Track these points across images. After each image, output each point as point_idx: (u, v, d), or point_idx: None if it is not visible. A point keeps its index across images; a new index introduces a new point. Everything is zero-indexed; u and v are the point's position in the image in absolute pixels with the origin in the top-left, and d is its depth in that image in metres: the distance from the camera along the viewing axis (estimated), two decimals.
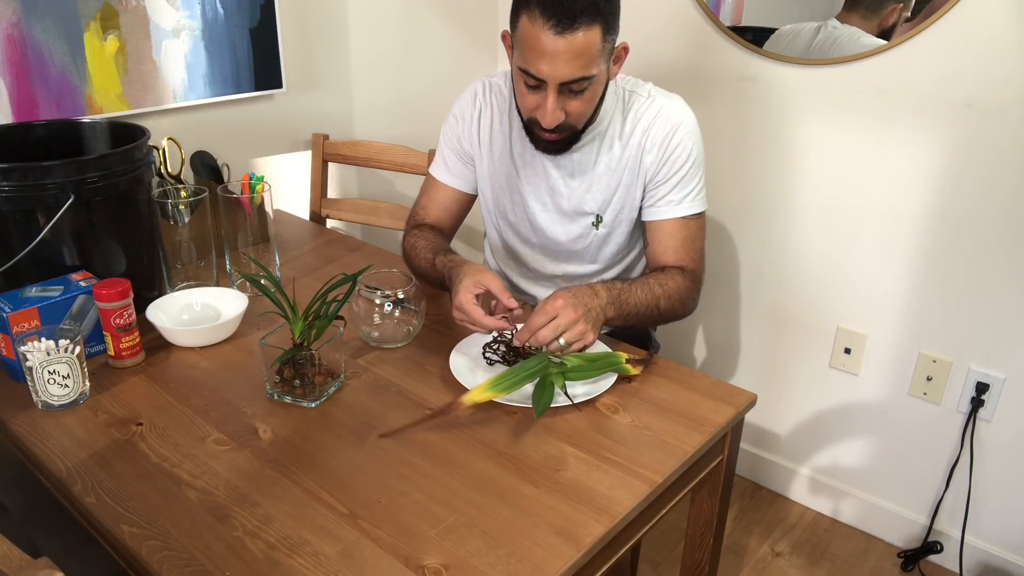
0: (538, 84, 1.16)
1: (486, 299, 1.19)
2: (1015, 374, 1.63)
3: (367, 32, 1.96)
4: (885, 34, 1.59)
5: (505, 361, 1.15)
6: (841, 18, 1.64)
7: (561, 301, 1.12)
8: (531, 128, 1.25)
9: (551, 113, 1.17)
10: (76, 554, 0.99)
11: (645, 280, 1.26)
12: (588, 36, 1.10)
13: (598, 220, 1.36)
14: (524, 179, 1.38)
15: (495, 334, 1.20)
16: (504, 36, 1.23)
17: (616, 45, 1.19)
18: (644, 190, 1.34)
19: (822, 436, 1.96)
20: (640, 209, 1.37)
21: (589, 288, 1.18)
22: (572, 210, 1.36)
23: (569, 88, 1.15)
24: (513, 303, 1.15)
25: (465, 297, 1.15)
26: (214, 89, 1.67)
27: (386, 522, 0.85)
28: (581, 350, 1.14)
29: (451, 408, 1.01)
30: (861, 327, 1.82)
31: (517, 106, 1.27)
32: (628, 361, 1.12)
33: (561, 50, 1.10)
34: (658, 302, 1.25)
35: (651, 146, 1.30)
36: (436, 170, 1.47)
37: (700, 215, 1.35)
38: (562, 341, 1.11)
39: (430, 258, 1.32)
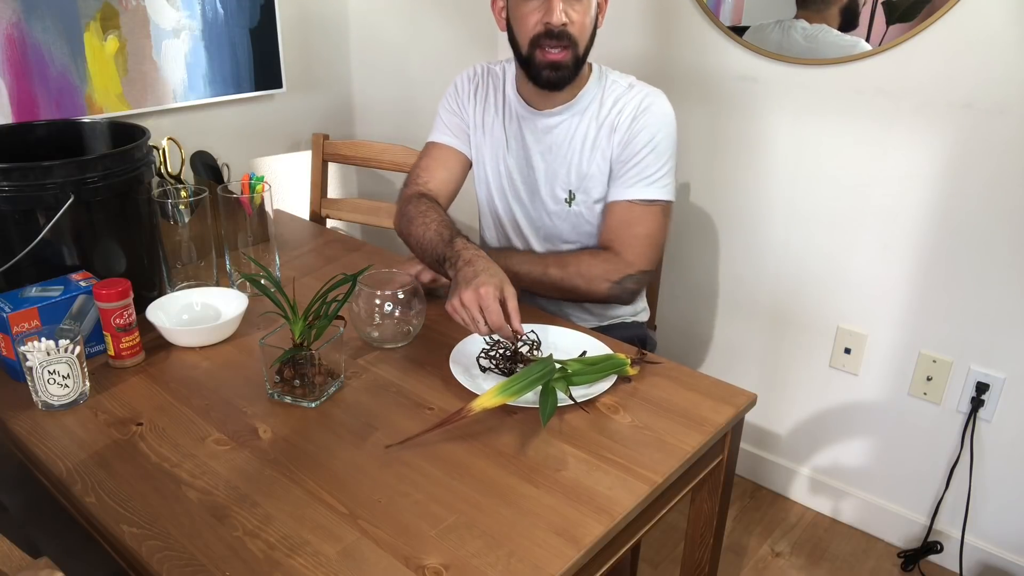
0: None
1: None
2: (1015, 374, 1.63)
3: (367, 32, 1.96)
4: (849, 16, 1.61)
5: (500, 369, 1.14)
6: (804, 17, 1.68)
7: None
8: (533, 60, 1.29)
9: (557, 12, 1.23)
10: (76, 554, 0.99)
11: (544, 252, 1.39)
12: None
13: (571, 197, 1.39)
14: (511, 153, 1.43)
15: (488, 341, 1.18)
16: (492, 3, 1.34)
17: None
18: (610, 172, 1.37)
19: (822, 436, 1.96)
20: None
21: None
22: (547, 185, 1.41)
23: None
24: (521, 329, 1.11)
25: (487, 292, 1.08)
26: (214, 89, 1.67)
27: (386, 522, 0.85)
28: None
29: (460, 415, 1.00)
30: (861, 327, 1.82)
31: (517, 47, 1.32)
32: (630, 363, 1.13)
33: None
34: (547, 269, 1.31)
35: (617, 127, 1.34)
36: (436, 135, 1.49)
37: (652, 203, 1.32)
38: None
39: (446, 236, 1.25)
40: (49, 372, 1.01)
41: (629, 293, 1.36)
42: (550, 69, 1.29)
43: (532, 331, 1.21)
